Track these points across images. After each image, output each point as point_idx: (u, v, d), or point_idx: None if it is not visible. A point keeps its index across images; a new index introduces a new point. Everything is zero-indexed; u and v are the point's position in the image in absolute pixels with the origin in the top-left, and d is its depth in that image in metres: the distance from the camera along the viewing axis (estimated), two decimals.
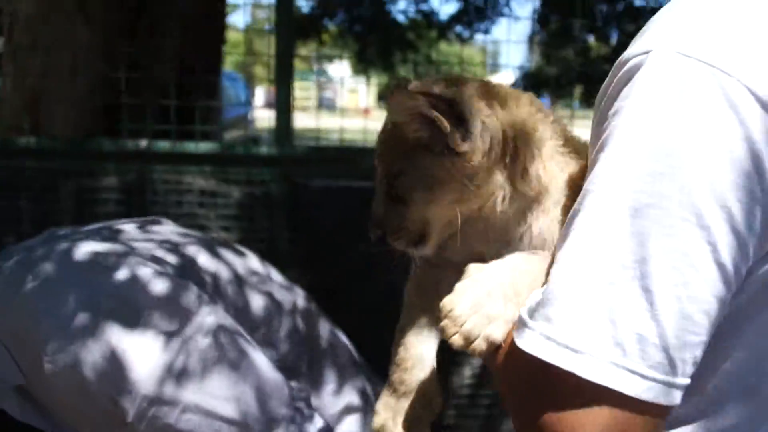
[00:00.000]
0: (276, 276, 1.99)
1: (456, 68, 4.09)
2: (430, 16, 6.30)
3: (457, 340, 0.91)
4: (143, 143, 2.71)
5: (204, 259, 1.83)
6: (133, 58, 2.80)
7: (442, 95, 0.98)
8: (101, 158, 2.71)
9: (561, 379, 0.76)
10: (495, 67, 5.67)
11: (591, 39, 5.75)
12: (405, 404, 1.11)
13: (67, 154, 2.71)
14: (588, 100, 4.88)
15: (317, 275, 2.85)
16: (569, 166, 1.03)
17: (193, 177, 2.74)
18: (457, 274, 0.97)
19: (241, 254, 1.95)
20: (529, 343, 0.80)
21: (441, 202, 1.02)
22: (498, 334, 0.91)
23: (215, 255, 1.87)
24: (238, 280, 1.85)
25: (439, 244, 1.08)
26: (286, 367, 1.79)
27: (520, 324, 0.82)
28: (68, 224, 2.70)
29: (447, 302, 0.92)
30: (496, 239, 1.06)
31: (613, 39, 5.74)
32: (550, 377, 0.77)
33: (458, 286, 0.94)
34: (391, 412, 1.11)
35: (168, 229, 1.95)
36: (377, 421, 1.12)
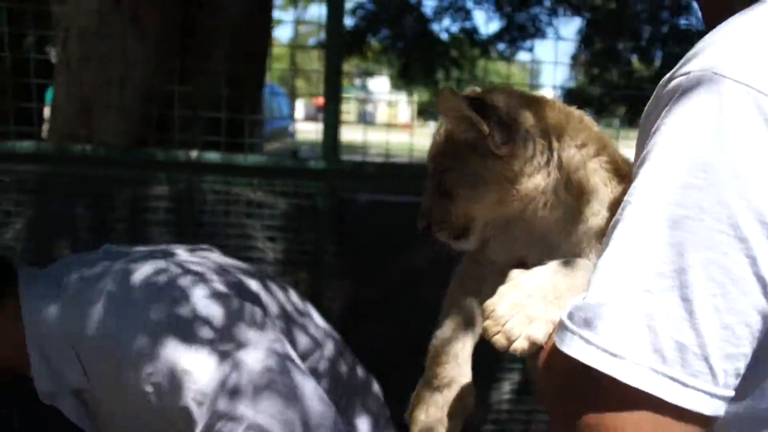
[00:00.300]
0: (315, 315, 2.02)
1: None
2: (473, 34, 6.33)
3: (499, 340, 0.95)
4: (194, 154, 2.77)
5: (255, 287, 1.87)
6: (183, 72, 2.87)
7: (484, 99, 1.05)
8: (153, 167, 2.78)
9: (602, 382, 0.78)
10: (536, 86, 5.67)
11: (635, 60, 5.72)
12: (438, 398, 1.15)
13: (121, 162, 2.78)
14: (631, 121, 4.86)
15: (361, 288, 2.89)
16: (612, 181, 1.07)
17: (241, 188, 2.79)
18: (500, 275, 1.03)
19: (284, 289, 1.98)
20: (569, 346, 0.82)
21: (483, 201, 1.09)
22: (539, 334, 0.94)
23: (264, 285, 1.91)
24: (284, 313, 1.89)
25: (482, 241, 1.15)
26: None
27: (560, 327, 0.84)
28: (122, 231, 2.78)
29: (489, 303, 0.96)
30: (537, 244, 1.11)
31: (657, 60, 5.71)
32: (590, 380, 0.79)
33: (501, 288, 0.98)
34: (425, 404, 1.15)
35: (218, 256, 1.99)
36: (412, 412, 1.16)
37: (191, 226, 2.82)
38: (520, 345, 0.94)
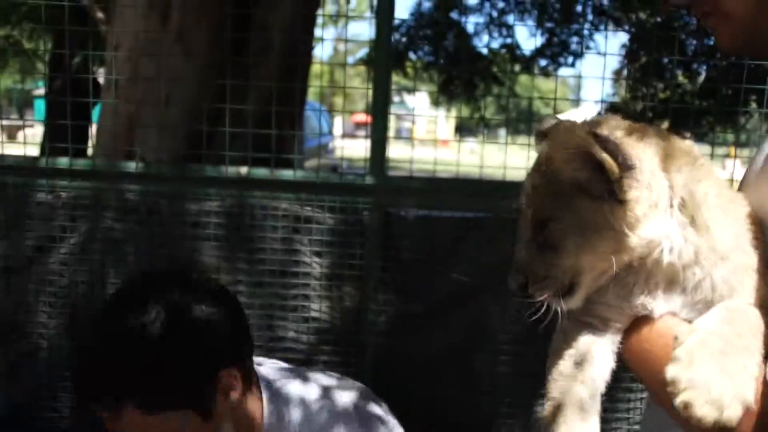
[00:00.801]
0: None
1: (538, 101, 4.09)
2: (514, 49, 6.35)
3: (708, 414, 0.81)
4: (243, 170, 2.81)
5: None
6: (229, 89, 2.92)
7: (614, 139, 0.94)
8: (204, 183, 2.83)
9: None
10: (579, 101, 5.65)
11: (679, 73, 5.67)
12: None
13: (172, 178, 2.83)
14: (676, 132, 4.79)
15: (407, 303, 2.89)
16: (734, 210, 1.00)
17: (289, 203, 2.82)
18: (611, 330, 0.96)
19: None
20: None
21: (596, 251, 0.96)
22: (750, 394, 0.82)
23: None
24: None
25: (588, 296, 1.01)
26: None
27: None
28: (172, 246, 2.82)
29: (675, 372, 0.84)
30: (664, 289, 0.99)
31: (702, 74, 5.66)
32: None
33: (678, 352, 0.87)
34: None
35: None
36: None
37: (240, 241, 2.86)
38: (734, 413, 0.81)
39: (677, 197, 0.96)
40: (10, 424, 3.01)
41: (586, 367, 0.99)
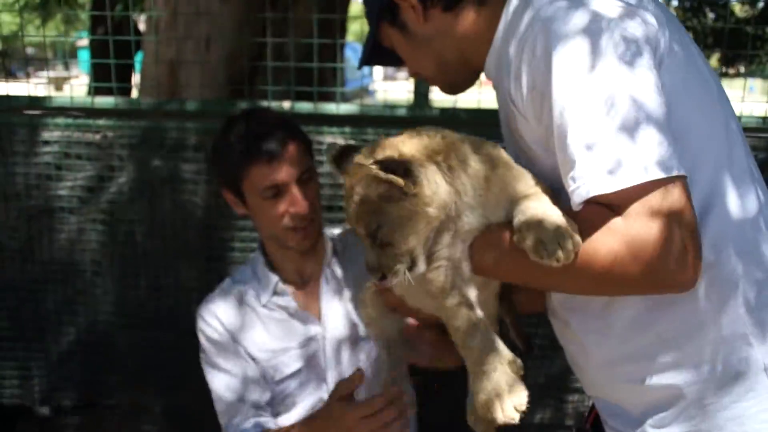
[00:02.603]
0: None
1: None
2: None
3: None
4: (286, 104, 2.80)
5: None
6: (269, 23, 2.89)
7: (387, 160, 1.32)
8: None
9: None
10: None
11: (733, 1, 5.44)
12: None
13: (215, 115, 2.83)
14: (728, 63, 4.59)
15: None
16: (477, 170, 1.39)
17: (333, 137, 2.80)
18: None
19: None
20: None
21: (416, 232, 1.33)
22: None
23: None
24: None
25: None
26: None
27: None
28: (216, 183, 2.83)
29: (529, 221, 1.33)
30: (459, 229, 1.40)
31: (761, 2, 5.42)
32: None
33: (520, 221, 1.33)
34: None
35: None
36: None
37: None
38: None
39: (446, 171, 1.34)
40: (66, 362, 3.12)
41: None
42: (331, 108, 2.80)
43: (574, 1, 1.33)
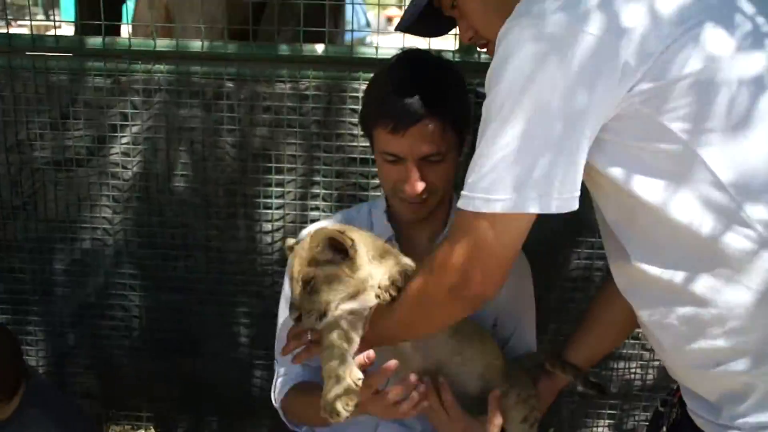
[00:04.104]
0: None
1: None
2: None
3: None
4: (319, 48, 2.56)
5: None
6: None
7: (339, 232, 1.61)
8: (275, 63, 2.59)
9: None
10: None
11: None
12: None
13: (238, 58, 2.58)
14: None
15: None
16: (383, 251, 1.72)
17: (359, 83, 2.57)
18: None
19: None
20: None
21: (338, 291, 1.60)
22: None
23: None
24: None
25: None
26: None
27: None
28: (242, 134, 2.60)
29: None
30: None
31: None
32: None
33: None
34: None
35: None
36: None
37: (317, 127, 2.63)
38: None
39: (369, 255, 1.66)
40: (76, 323, 2.90)
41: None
42: (370, 51, 2.56)
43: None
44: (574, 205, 1.29)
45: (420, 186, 1.88)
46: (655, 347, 1.56)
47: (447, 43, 2.42)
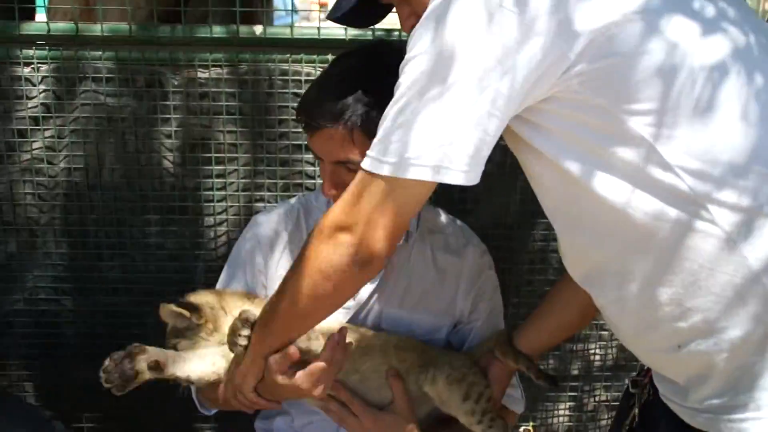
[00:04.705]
0: None
1: None
2: None
3: None
4: (258, 29, 2.40)
5: None
6: None
7: (187, 303, 1.85)
8: (209, 47, 2.42)
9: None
10: None
11: None
12: None
13: (171, 42, 2.41)
14: None
15: None
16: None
17: (314, 67, 2.44)
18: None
19: None
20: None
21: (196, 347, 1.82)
22: None
23: None
24: None
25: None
26: None
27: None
28: (178, 123, 2.43)
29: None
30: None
31: None
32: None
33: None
34: None
35: None
36: None
37: (257, 113, 2.48)
38: None
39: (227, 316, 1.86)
40: (4, 332, 2.68)
41: None
42: (311, 31, 2.42)
43: None
44: (461, 180, 1.24)
45: (330, 191, 1.78)
46: (619, 335, 1.52)
47: None
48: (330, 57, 2.37)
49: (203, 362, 1.78)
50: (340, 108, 1.70)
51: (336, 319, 1.92)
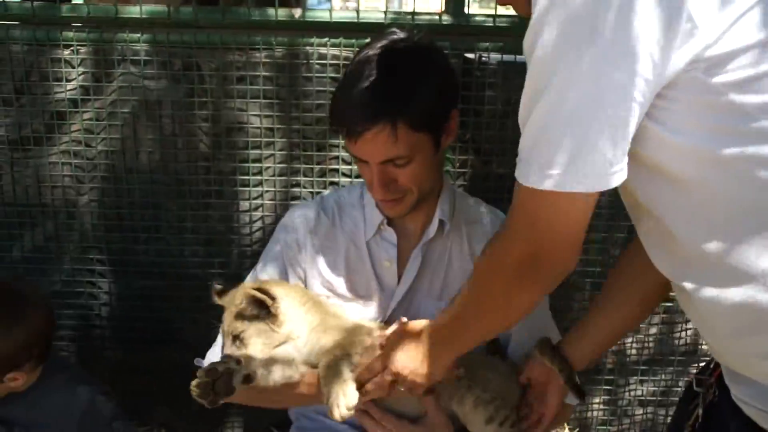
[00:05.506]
0: None
1: None
2: None
3: None
4: (297, 12, 2.38)
5: None
6: None
7: (263, 287, 1.72)
8: (247, 30, 2.40)
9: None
10: None
11: None
12: None
13: (207, 26, 2.40)
14: None
15: (489, 164, 2.55)
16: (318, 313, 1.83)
17: (352, 50, 2.40)
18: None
19: None
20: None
21: (264, 342, 1.71)
22: None
23: None
24: None
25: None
26: None
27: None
28: (214, 107, 2.42)
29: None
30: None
31: None
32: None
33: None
34: None
35: None
36: None
37: (294, 97, 2.46)
38: None
39: (301, 310, 1.79)
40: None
41: None
42: (350, 15, 2.39)
43: None
44: (616, 181, 1.14)
45: (381, 192, 1.76)
46: (707, 334, 1.40)
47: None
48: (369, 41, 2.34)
49: (290, 370, 1.76)
50: (379, 107, 1.66)
51: (372, 315, 1.92)
